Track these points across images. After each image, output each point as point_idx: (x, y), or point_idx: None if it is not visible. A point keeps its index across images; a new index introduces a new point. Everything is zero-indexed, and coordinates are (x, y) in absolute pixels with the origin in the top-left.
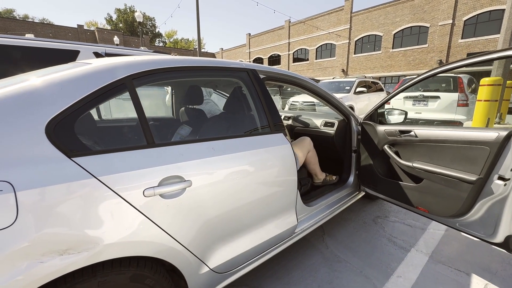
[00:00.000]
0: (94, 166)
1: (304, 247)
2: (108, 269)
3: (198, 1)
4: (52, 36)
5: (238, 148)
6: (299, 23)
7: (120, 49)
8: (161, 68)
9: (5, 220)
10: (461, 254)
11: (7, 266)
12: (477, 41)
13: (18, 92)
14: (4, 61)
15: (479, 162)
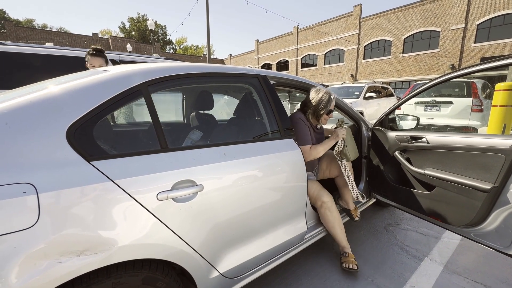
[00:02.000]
0: (111, 170)
1: (314, 254)
2: (121, 271)
3: (208, 10)
4: (68, 44)
5: (249, 153)
6: (307, 29)
7: (133, 56)
8: (174, 75)
9: (28, 221)
10: (478, 265)
11: (28, 265)
12: (491, 45)
13: (42, 99)
14: (28, 68)
15: (494, 170)
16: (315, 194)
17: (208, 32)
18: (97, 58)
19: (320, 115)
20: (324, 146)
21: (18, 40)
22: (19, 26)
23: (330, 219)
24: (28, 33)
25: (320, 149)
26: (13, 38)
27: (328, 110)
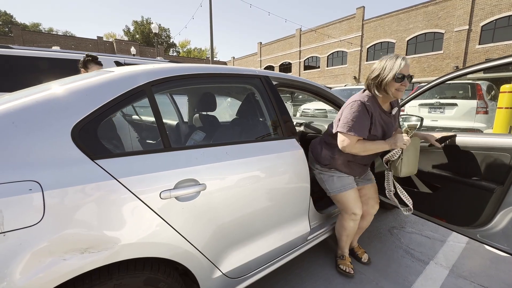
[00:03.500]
0: (115, 168)
1: (317, 256)
2: (123, 272)
3: (211, 13)
4: (74, 48)
5: (252, 153)
6: (310, 32)
7: (138, 59)
8: (178, 75)
9: (33, 218)
10: (484, 268)
11: (33, 262)
12: (496, 47)
13: (47, 98)
14: (35, 70)
15: (500, 170)
16: (348, 203)
17: (211, 34)
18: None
19: (387, 84)
20: (375, 146)
21: (25, 43)
22: (26, 30)
23: (346, 227)
24: (35, 37)
25: (370, 147)
26: (20, 41)
27: (397, 74)
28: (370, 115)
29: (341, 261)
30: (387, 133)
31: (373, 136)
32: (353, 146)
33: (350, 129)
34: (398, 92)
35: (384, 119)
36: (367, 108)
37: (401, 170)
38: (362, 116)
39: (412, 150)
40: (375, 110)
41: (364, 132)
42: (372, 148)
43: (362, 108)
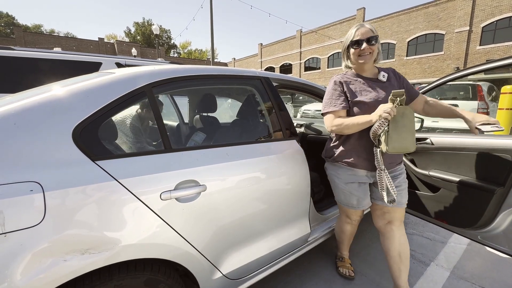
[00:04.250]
0: (116, 169)
1: (318, 258)
2: (123, 273)
3: (212, 15)
4: (75, 49)
5: (252, 154)
6: (310, 33)
7: (139, 61)
8: (178, 77)
9: (34, 219)
10: (486, 270)
11: (34, 263)
12: (497, 48)
13: (49, 100)
14: (37, 72)
15: (500, 171)
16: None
17: (212, 36)
18: None
19: (350, 54)
20: (357, 119)
21: (27, 45)
22: (28, 32)
23: (343, 230)
24: (36, 38)
25: (351, 121)
26: (22, 43)
27: (351, 42)
28: (343, 86)
29: (341, 263)
30: (381, 99)
31: (360, 103)
32: (331, 122)
33: (324, 107)
34: (360, 57)
35: (370, 85)
36: (338, 81)
37: (388, 145)
38: (331, 91)
39: (401, 121)
40: (353, 79)
41: (335, 103)
42: (354, 122)
43: (331, 84)
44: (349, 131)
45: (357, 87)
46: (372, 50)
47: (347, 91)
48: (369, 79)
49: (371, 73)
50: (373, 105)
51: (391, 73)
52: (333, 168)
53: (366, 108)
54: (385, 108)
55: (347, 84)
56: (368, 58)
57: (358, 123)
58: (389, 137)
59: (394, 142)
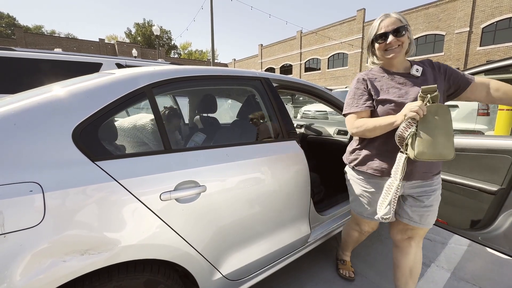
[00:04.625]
0: (115, 170)
1: (318, 259)
2: (123, 274)
3: (212, 15)
4: (76, 50)
5: (252, 154)
6: (311, 34)
7: (139, 61)
8: (178, 77)
9: (34, 219)
10: (487, 271)
11: (33, 263)
12: (497, 49)
13: (49, 100)
14: (37, 72)
15: (500, 172)
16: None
17: (212, 37)
18: None
19: (375, 49)
20: (380, 120)
21: (27, 46)
22: (28, 32)
23: (350, 235)
24: (37, 39)
25: (373, 122)
26: (23, 44)
27: (374, 36)
28: (367, 84)
29: (342, 265)
30: (413, 97)
31: (385, 102)
32: (352, 124)
33: (345, 108)
34: (387, 52)
35: (399, 81)
36: (362, 78)
37: (415, 149)
38: (354, 90)
39: (433, 122)
40: (380, 75)
41: (357, 103)
42: (376, 124)
43: (354, 82)
44: (372, 134)
45: (383, 84)
46: (401, 42)
47: (372, 89)
48: (399, 74)
49: (402, 67)
50: (402, 104)
51: (428, 66)
52: (354, 172)
53: (393, 108)
54: (412, 106)
55: (372, 81)
56: (398, 52)
57: (380, 125)
58: (417, 140)
59: (423, 147)
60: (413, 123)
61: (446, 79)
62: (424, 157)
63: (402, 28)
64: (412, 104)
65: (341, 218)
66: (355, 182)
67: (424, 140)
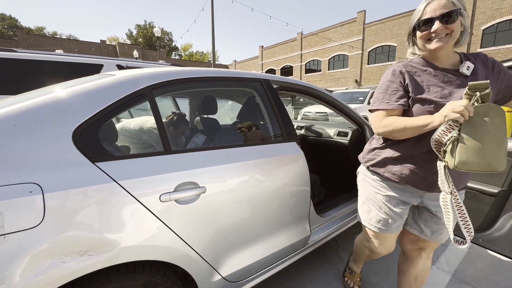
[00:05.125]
0: (115, 171)
1: (318, 261)
2: (122, 275)
3: (213, 17)
4: (77, 51)
5: (252, 156)
6: (311, 35)
7: (140, 63)
8: (179, 79)
9: (33, 220)
10: (488, 274)
11: (33, 264)
12: (498, 50)
13: (49, 101)
14: (39, 74)
15: (502, 174)
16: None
17: (213, 38)
18: None
19: (416, 38)
20: (410, 123)
21: (29, 47)
22: (30, 34)
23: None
24: (39, 41)
25: (404, 122)
26: (24, 45)
27: (417, 23)
28: (405, 77)
29: (349, 275)
30: (456, 98)
31: (424, 102)
32: (380, 122)
33: (373, 103)
34: (429, 42)
35: (444, 79)
36: (399, 70)
37: (455, 157)
38: (387, 83)
39: (482, 126)
40: (421, 68)
41: (389, 99)
42: (408, 125)
43: (388, 75)
44: (401, 136)
45: (424, 80)
46: (450, 31)
47: (410, 84)
48: (445, 70)
49: (449, 61)
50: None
51: (480, 63)
52: (368, 173)
53: (431, 110)
54: (455, 106)
55: (411, 75)
56: (445, 42)
57: (412, 126)
58: (460, 147)
59: (467, 155)
60: (455, 126)
61: (499, 82)
62: (468, 168)
63: (453, 12)
64: (456, 104)
65: (341, 219)
66: (368, 183)
67: (468, 147)
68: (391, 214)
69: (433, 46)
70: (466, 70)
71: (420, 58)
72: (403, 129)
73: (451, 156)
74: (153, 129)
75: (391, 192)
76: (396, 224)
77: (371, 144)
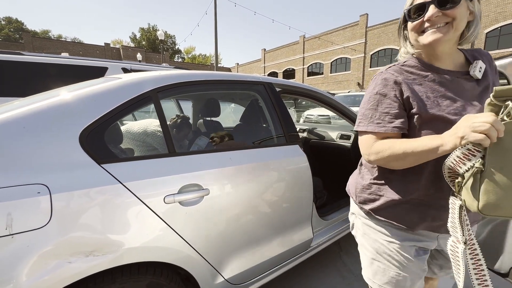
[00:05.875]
0: (121, 173)
1: (320, 264)
2: (126, 276)
3: (216, 21)
4: (82, 54)
5: (255, 158)
6: (313, 38)
7: (144, 66)
8: (183, 82)
9: (41, 221)
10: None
11: (39, 264)
12: (501, 54)
13: (57, 104)
14: (46, 76)
15: None
16: None
17: (216, 42)
18: None
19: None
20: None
21: (35, 50)
22: (36, 37)
23: None
24: (44, 43)
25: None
26: (30, 48)
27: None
28: (401, 89)
29: None
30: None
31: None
32: (370, 148)
33: (359, 122)
34: (423, 35)
35: (449, 85)
36: (393, 80)
37: (480, 196)
38: (378, 97)
39: None
40: (420, 74)
41: (380, 119)
42: (408, 149)
43: (381, 83)
44: (401, 165)
45: (428, 89)
46: (451, 18)
47: (411, 98)
48: (451, 74)
49: (453, 61)
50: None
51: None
52: (370, 221)
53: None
54: (476, 122)
55: (409, 85)
56: (444, 33)
57: (416, 151)
58: (487, 183)
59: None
60: (476, 151)
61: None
62: (499, 213)
63: None
64: (477, 119)
65: (344, 223)
66: (373, 231)
67: (500, 183)
68: (414, 270)
69: (427, 40)
70: (478, 71)
71: (415, 58)
72: (402, 155)
73: (471, 195)
74: (158, 132)
75: (407, 240)
76: (418, 284)
77: (363, 176)
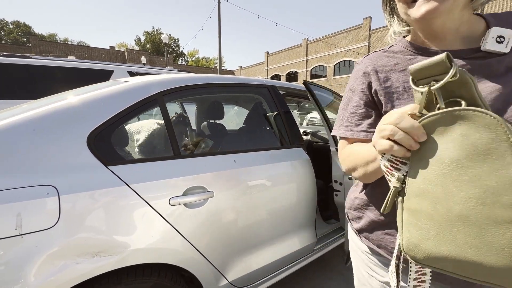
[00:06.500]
0: (127, 175)
1: (324, 269)
2: (131, 277)
3: (220, 24)
4: (87, 57)
5: (259, 161)
6: (316, 41)
7: (149, 69)
8: (188, 85)
9: (49, 221)
10: None
11: (47, 265)
12: None
13: (65, 107)
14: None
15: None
16: None
17: (219, 44)
18: None
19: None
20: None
21: (42, 53)
22: (43, 40)
23: None
24: (51, 47)
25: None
26: (37, 51)
27: None
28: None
29: None
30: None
31: None
32: (340, 155)
33: (334, 126)
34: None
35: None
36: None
37: (402, 236)
38: (348, 94)
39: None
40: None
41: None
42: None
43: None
44: (364, 179)
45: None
46: None
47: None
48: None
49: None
50: None
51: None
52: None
53: None
54: (382, 124)
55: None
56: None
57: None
58: (407, 213)
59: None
60: (401, 162)
61: None
62: (430, 263)
63: None
64: (392, 117)
65: None
66: (358, 257)
67: (422, 213)
68: None
69: (418, 12)
70: (497, 44)
71: (406, 41)
72: (353, 167)
73: (399, 227)
74: (163, 134)
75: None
76: None
77: (354, 188)
